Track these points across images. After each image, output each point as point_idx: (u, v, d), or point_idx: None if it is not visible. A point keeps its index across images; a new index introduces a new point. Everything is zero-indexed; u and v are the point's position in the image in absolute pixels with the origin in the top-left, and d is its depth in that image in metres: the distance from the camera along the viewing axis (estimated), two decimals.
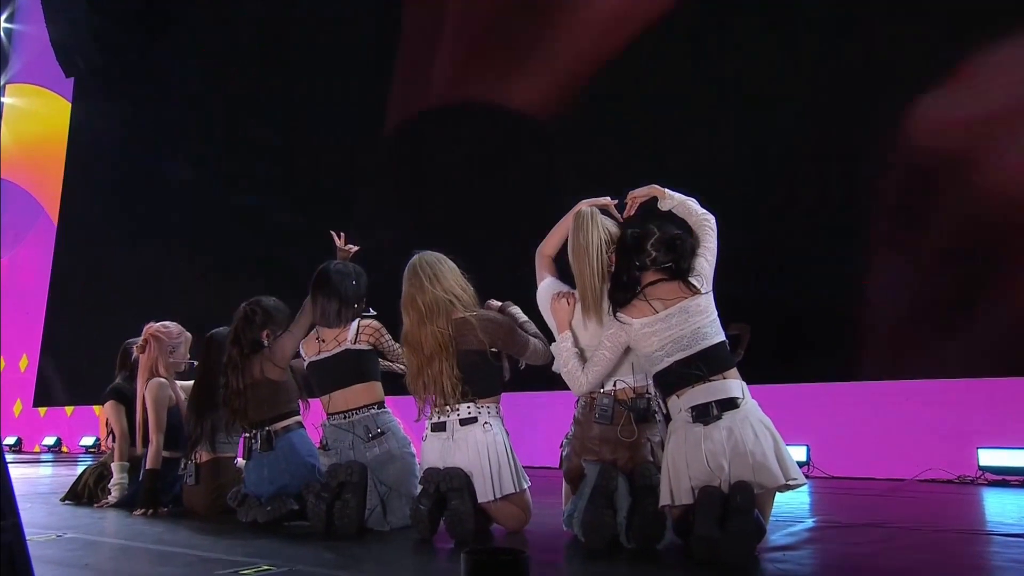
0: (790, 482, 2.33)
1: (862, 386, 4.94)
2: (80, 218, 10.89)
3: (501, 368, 2.90)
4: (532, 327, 3.00)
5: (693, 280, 2.53)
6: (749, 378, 2.50)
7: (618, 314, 2.55)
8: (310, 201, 7.94)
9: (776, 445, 2.35)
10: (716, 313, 2.53)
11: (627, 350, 2.59)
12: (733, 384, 2.43)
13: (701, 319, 2.48)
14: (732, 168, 5.52)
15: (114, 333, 4.64)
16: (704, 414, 2.38)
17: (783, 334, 4.95)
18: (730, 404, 2.39)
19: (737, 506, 2.24)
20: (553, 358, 2.88)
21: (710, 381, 2.42)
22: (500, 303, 3.11)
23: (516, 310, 3.06)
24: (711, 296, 2.55)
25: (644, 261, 2.57)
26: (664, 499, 2.40)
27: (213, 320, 3.82)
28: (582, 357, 2.65)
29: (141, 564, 2.52)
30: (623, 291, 2.58)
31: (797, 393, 5.03)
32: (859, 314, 5.01)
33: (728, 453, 2.31)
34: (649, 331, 2.50)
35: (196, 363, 3.86)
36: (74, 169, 11.16)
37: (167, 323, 3.97)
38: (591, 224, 2.69)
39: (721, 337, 2.51)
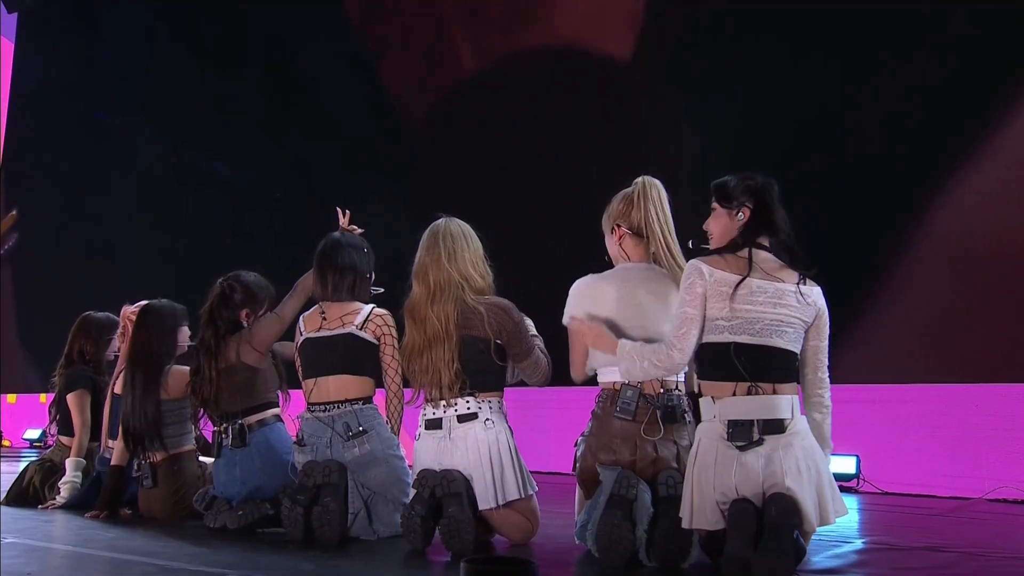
0: (825, 524, 2.34)
1: (922, 388, 4.92)
2: (23, 177, 10.91)
3: (504, 365, 2.93)
4: (540, 342, 3.02)
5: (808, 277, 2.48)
6: None
7: (697, 261, 2.48)
8: (291, 169, 7.91)
9: (819, 480, 2.35)
10: (806, 326, 2.50)
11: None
12: (783, 401, 2.39)
13: (790, 313, 2.44)
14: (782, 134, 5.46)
15: (64, 310, 4.67)
16: (742, 437, 2.35)
17: (831, 327, 4.92)
18: (775, 427, 2.36)
19: (772, 522, 2.25)
20: (549, 377, 2.95)
21: (758, 392, 2.39)
22: None
23: (528, 322, 3.05)
24: (819, 310, 2.51)
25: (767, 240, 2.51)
26: (684, 520, 2.40)
27: (179, 298, 3.85)
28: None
29: (91, 574, 2.55)
30: (729, 248, 2.51)
31: (845, 395, 5.00)
32: (919, 304, 4.96)
33: (763, 484, 2.32)
34: (726, 290, 2.41)
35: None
36: (18, 121, 11.16)
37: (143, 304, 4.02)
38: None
39: (796, 348, 2.48)
